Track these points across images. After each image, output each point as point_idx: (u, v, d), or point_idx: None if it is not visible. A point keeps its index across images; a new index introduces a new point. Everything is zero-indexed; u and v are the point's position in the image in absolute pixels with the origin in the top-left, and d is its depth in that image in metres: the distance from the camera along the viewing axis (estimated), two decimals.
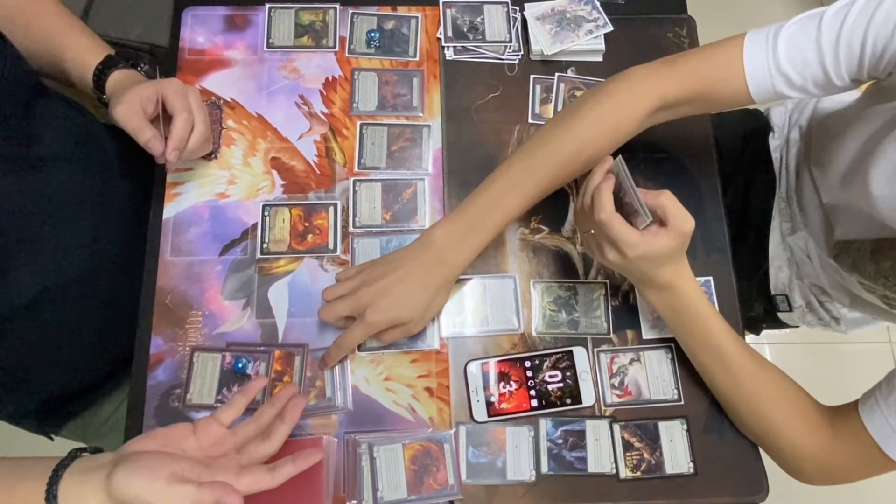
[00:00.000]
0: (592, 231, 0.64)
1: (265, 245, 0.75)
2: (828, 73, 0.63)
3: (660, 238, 0.60)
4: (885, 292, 0.72)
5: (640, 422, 0.71)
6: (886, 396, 0.61)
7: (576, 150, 0.68)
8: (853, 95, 0.82)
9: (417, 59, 0.84)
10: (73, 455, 0.53)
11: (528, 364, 0.72)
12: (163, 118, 0.68)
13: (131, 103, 0.66)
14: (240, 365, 0.69)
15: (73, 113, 0.75)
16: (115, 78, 0.71)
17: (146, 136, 0.66)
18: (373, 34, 0.84)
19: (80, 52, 0.73)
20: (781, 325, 1.01)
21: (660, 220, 0.61)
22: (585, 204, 0.63)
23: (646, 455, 0.70)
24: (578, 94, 0.84)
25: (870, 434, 0.61)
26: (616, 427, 0.70)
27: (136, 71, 0.74)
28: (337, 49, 0.84)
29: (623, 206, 0.61)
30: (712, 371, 0.69)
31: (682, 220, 0.60)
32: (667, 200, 0.60)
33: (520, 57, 0.85)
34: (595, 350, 0.73)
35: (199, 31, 0.84)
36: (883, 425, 0.60)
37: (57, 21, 0.74)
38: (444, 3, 0.86)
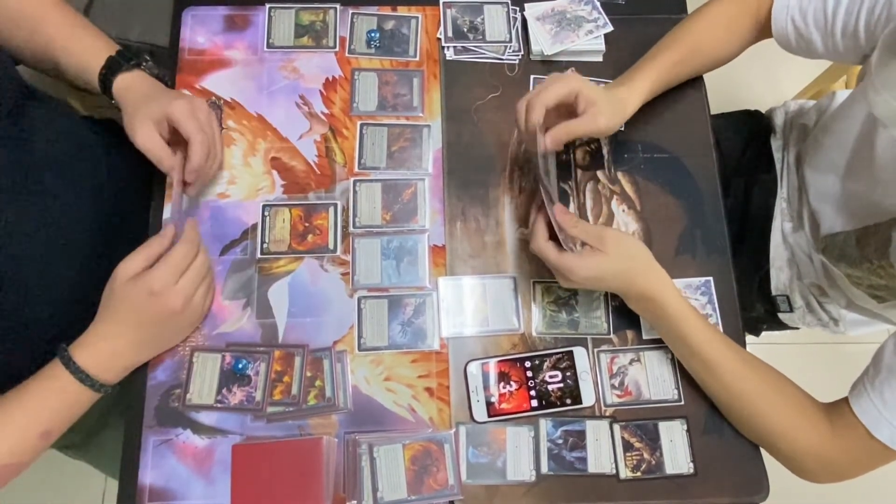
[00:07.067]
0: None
1: (265, 245, 0.75)
2: (826, 9, 0.68)
3: (595, 258, 0.63)
4: (870, 279, 0.73)
5: (640, 422, 0.71)
6: (872, 379, 0.61)
7: (692, 46, 0.78)
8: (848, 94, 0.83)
9: (417, 59, 0.84)
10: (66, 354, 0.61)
11: (528, 364, 0.72)
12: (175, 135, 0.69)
13: (148, 132, 0.67)
14: (239, 365, 0.69)
15: (64, 120, 0.73)
16: (122, 83, 0.70)
17: (167, 166, 0.68)
18: (373, 34, 0.84)
19: (84, 54, 0.71)
20: (782, 326, 1.01)
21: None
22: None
23: (646, 455, 0.70)
24: None
25: (860, 420, 0.60)
26: (616, 427, 0.70)
27: (142, 70, 0.72)
28: (337, 49, 0.84)
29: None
30: (702, 376, 0.69)
31: (600, 238, 0.63)
32: (580, 233, 0.64)
33: (520, 57, 0.85)
34: (595, 350, 0.73)
35: (199, 31, 0.84)
36: (870, 408, 0.60)
37: (60, 23, 0.72)
38: (444, 3, 0.86)
